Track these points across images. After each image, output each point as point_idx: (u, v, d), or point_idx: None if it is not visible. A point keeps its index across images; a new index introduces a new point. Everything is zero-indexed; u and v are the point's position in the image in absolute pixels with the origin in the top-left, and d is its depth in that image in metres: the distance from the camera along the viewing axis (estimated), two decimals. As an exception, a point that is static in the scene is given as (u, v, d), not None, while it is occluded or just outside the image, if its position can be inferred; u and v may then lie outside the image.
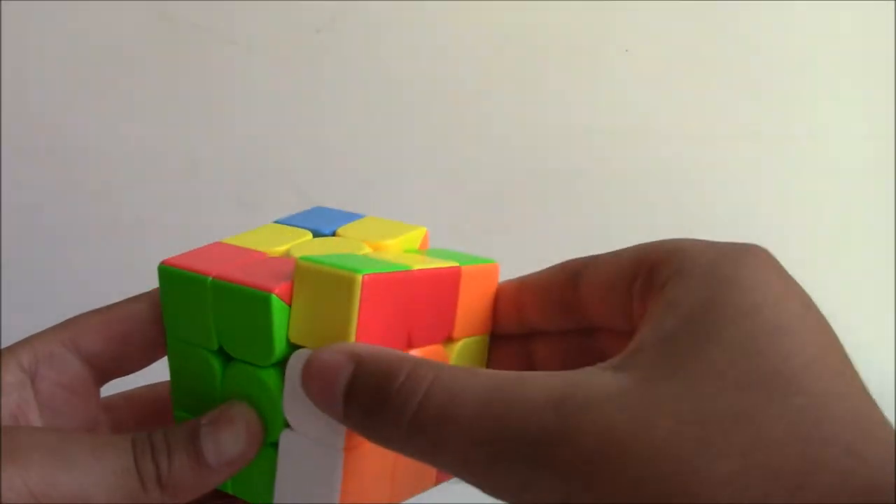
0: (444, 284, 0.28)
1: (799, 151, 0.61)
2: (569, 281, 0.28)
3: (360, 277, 0.25)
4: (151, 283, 0.29)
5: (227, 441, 0.27)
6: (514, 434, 0.21)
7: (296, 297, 0.26)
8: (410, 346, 0.28)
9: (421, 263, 0.28)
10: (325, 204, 0.36)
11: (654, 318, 0.22)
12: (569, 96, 0.59)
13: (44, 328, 0.30)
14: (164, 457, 0.26)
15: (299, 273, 0.26)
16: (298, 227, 0.32)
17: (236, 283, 0.27)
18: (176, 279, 0.28)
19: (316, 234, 0.31)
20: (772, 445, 0.18)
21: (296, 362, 0.26)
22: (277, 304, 0.26)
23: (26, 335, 0.30)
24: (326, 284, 0.26)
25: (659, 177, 0.60)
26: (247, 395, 0.27)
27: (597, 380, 0.21)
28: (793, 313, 0.21)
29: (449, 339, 0.30)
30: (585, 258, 0.28)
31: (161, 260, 0.29)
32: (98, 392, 0.30)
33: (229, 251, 0.29)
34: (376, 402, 0.23)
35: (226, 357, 0.28)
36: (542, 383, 0.21)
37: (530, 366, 0.31)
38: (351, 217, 0.33)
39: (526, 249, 0.58)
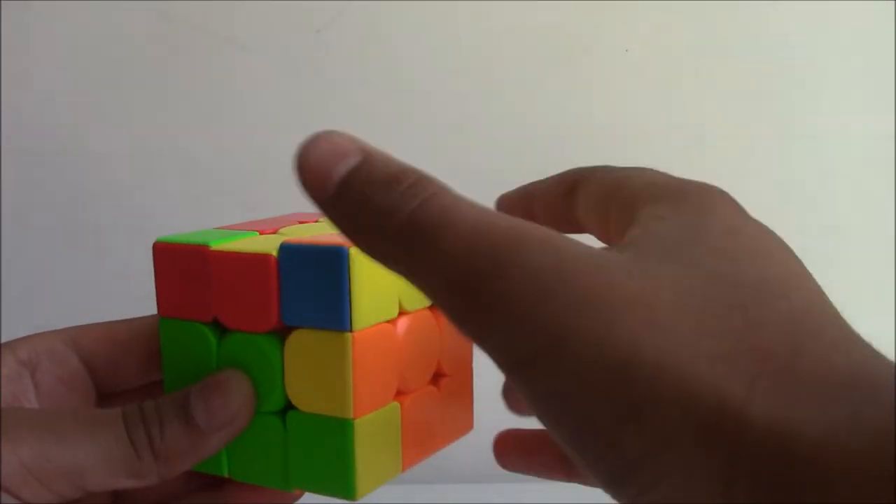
0: None
1: (799, 151, 0.61)
2: (567, 195, 0.28)
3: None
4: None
5: (218, 405, 0.27)
6: (509, 259, 0.19)
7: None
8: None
9: None
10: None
11: (641, 224, 0.22)
12: (569, 96, 0.59)
13: (43, 327, 0.30)
14: (155, 426, 0.26)
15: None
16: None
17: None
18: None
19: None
20: (762, 333, 0.19)
21: None
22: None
23: (26, 335, 0.30)
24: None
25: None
26: (243, 366, 0.28)
27: (595, 249, 0.20)
28: (769, 241, 0.22)
29: None
30: (584, 170, 0.29)
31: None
32: (94, 395, 0.30)
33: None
34: (378, 193, 0.22)
35: (221, 330, 0.28)
36: (537, 226, 0.20)
37: None
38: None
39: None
